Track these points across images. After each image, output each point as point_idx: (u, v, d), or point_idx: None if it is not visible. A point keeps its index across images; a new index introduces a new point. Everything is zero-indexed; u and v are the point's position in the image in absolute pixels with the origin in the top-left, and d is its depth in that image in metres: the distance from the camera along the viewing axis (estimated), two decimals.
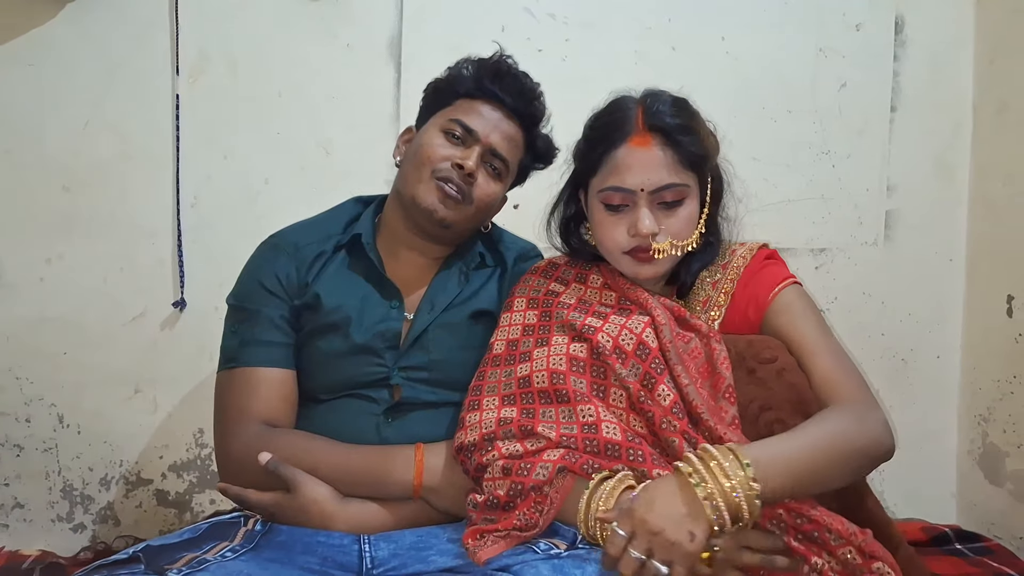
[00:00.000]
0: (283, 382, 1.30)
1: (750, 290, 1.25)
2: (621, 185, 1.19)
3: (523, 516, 1.08)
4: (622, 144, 1.20)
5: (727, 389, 1.14)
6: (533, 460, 1.09)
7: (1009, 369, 1.78)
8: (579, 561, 1.01)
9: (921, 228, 1.92)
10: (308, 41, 1.76)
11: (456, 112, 1.35)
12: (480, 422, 1.16)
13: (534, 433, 1.11)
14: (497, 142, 1.34)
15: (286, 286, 1.33)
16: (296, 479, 1.17)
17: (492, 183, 1.36)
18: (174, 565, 1.04)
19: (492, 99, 1.35)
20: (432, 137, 1.34)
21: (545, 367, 1.18)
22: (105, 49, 1.72)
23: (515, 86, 1.36)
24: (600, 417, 1.13)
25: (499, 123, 1.35)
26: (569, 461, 1.08)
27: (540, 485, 1.08)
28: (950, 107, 1.91)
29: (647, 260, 1.22)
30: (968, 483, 1.91)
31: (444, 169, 1.30)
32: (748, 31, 1.85)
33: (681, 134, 1.19)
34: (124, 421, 1.77)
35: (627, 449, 1.10)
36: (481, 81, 1.36)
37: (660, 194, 1.19)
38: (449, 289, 1.37)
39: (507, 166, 1.36)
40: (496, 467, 1.10)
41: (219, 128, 1.76)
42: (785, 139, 1.87)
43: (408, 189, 1.33)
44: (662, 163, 1.19)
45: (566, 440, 1.10)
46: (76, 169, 1.73)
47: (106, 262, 1.75)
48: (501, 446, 1.12)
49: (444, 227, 1.33)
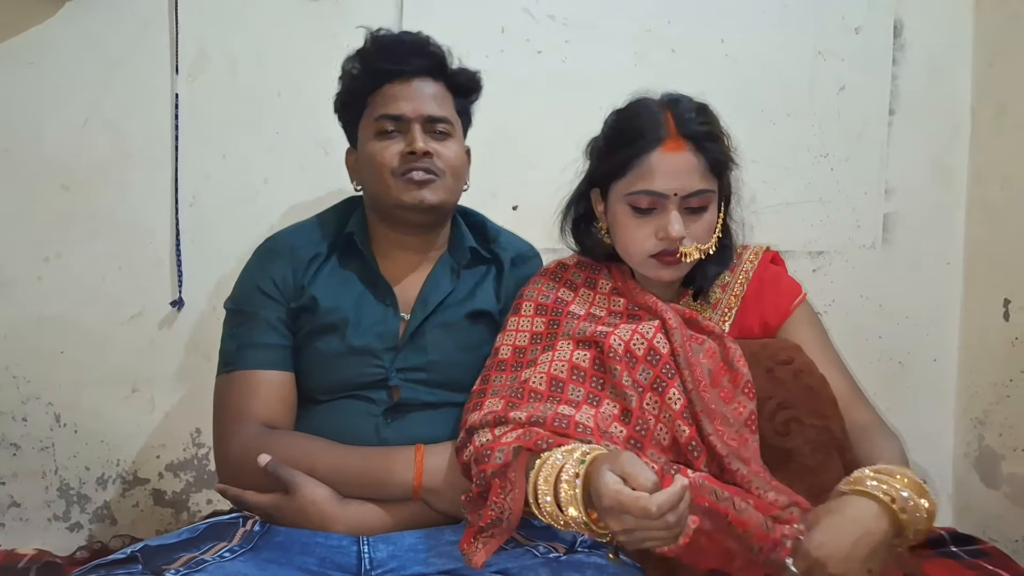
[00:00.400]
0: (282, 384, 1.30)
1: (767, 296, 1.28)
2: (654, 189, 1.20)
3: (495, 506, 1.04)
4: (655, 149, 1.20)
5: (746, 384, 1.16)
6: (493, 445, 1.08)
7: (1006, 372, 1.78)
8: (578, 565, 1.02)
9: (919, 231, 1.92)
10: (308, 41, 1.76)
11: (375, 110, 1.35)
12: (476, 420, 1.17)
13: (505, 420, 1.11)
14: (426, 108, 1.34)
15: (283, 289, 1.34)
16: (295, 480, 1.17)
17: (449, 144, 1.36)
18: (172, 565, 1.04)
19: (393, 76, 1.35)
20: (372, 146, 1.34)
21: (546, 371, 1.18)
22: (104, 48, 1.72)
23: (402, 50, 1.35)
24: (580, 412, 1.12)
25: (415, 91, 1.34)
26: (524, 440, 1.05)
27: (501, 469, 1.05)
28: (948, 110, 1.91)
29: (673, 263, 1.23)
30: (964, 486, 1.92)
31: (401, 165, 1.31)
32: (747, 33, 1.85)
33: (709, 141, 1.22)
34: (121, 420, 1.77)
35: (600, 433, 1.09)
36: (373, 69, 1.35)
37: (689, 199, 1.21)
38: (442, 287, 1.37)
39: (448, 121, 1.36)
40: (472, 458, 1.10)
41: (218, 127, 1.76)
42: (784, 142, 1.87)
43: (385, 199, 1.33)
44: (695, 169, 1.20)
45: (536, 419, 1.09)
46: (75, 168, 1.72)
47: (104, 261, 1.75)
48: (476, 439, 1.12)
49: (434, 210, 1.33)
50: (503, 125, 1.81)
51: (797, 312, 1.28)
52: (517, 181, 1.83)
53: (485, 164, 1.80)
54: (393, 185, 1.32)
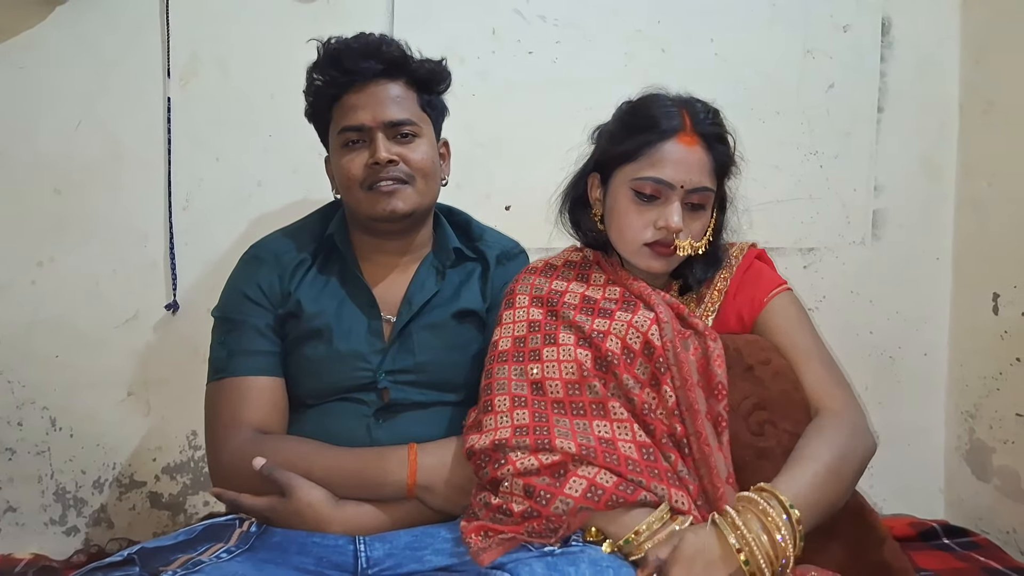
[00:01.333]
0: (272, 390, 1.31)
1: (745, 290, 1.28)
2: (663, 177, 1.21)
3: (533, 530, 1.08)
4: (670, 139, 1.22)
5: (717, 386, 1.16)
6: (553, 491, 1.08)
7: (995, 366, 1.80)
8: (573, 558, 1.02)
9: (908, 227, 1.94)
10: (300, 43, 1.75)
11: (339, 121, 1.34)
12: (495, 427, 1.15)
13: (551, 447, 1.11)
14: (386, 114, 1.32)
15: (269, 296, 1.34)
16: (291, 483, 1.17)
17: (416, 146, 1.34)
18: (169, 567, 1.04)
19: (348, 85, 1.33)
20: (339, 158, 1.34)
21: (559, 375, 1.19)
22: (96, 51, 1.72)
23: (351, 57, 1.32)
24: (615, 435, 1.14)
25: (372, 97, 1.32)
26: (592, 500, 1.07)
27: (556, 516, 1.08)
28: (936, 107, 1.93)
29: (666, 255, 1.24)
30: (955, 479, 1.93)
31: (368, 177, 1.31)
32: (736, 33, 1.86)
33: (718, 142, 1.25)
34: (117, 424, 1.77)
35: (646, 467, 1.11)
36: (332, 79, 1.34)
37: (693, 195, 1.22)
38: (427, 288, 1.37)
39: (412, 122, 1.34)
40: (516, 485, 1.09)
41: (211, 130, 1.76)
42: (773, 140, 1.89)
43: (359, 211, 1.34)
44: (704, 166, 1.23)
45: (585, 451, 1.10)
46: (68, 171, 1.73)
47: (98, 265, 1.75)
48: (515, 459, 1.10)
49: (408, 217, 1.33)
50: (495, 126, 1.82)
51: (772, 304, 1.28)
52: (509, 181, 1.84)
53: (478, 165, 1.81)
54: (363, 198, 1.32)
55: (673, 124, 1.22)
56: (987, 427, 1.83)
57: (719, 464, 1.13)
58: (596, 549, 1.07)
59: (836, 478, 1.11)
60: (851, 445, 1.15)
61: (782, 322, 1.26)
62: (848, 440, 1.15)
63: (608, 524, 1.09)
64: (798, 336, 1.25)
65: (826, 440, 1.15)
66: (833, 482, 1.11)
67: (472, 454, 1.16)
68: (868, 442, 1.19)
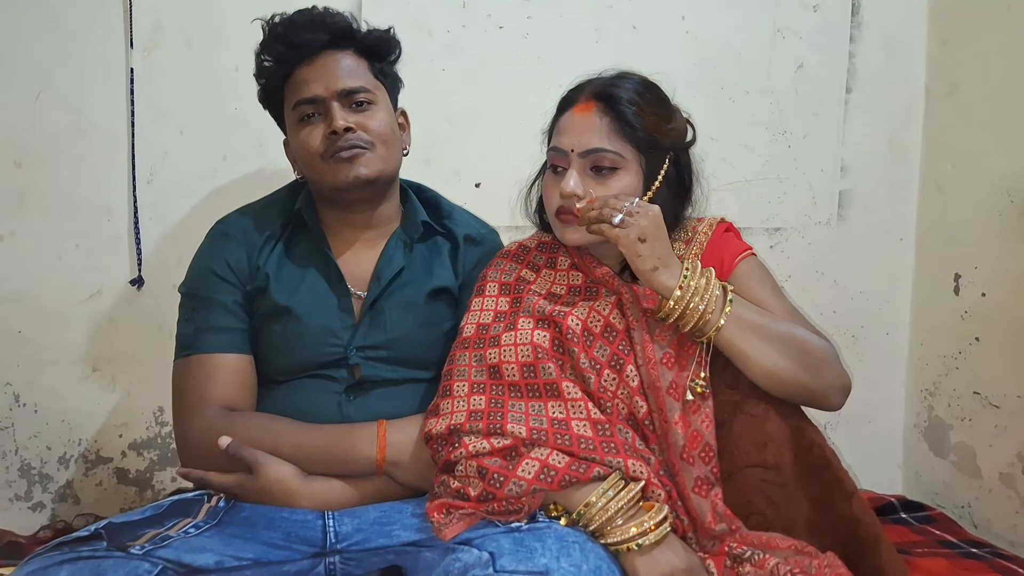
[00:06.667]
0: (240, 367, 1.30)
1: (713, 261, 1.29)
2: (558, 146, 1.25)
3: (493, 510, 1.10)
4: (567, 110, 1.26)
5: (695, 358, 1.18)
6: (507, 473, 1.09)
7: (955, 345, 1.83)
8: (539, 534, 1.04)
9: (873, 208, 1.96)
10: (265, 14, 1.73)
11: (291, 97, 1.34)
12: (451, 411, 1.17)
13: (502, 432, 1.12)
14: (339, 83, 1.31)
15: (237, 272, 1.33)
16: (258, 460, 1.17)
17: (373, 113, 1.33)
18: (136, 542, 1.04)
19: (298, 60, 1.32)
20: (297, 133, 1.33)
21: (515, 358, 1.19)
22: (56, 21, 1.68)
23: (296, 31, 1.32)
24: (569, 414, 1.15)
25: (323, 69, 1.32)
26: (544, 481, 1.08)
27: (512, 498, 1.09)
28: (903, 89, 1.94)
29: (569, 222, 1.24)
30: (914, 455, 1.98)
31: (328, 148, 1.30)
32: (707, 11, 1.86)
33: (624, 105, 1.22)
34: (82, 399, 1.75)
35: (600, 443, 1.12)
36: (280, 56, 1.33)
37: (591, 158, 1.22)
38: (395, 262, 1.37)
39: (366, 89, 1.34)
40: (470, 467, 1.11)
41: (175, 103, 1.73)
42: (742, 119, 1.90)
43: (323, 183, 1.33)
44: (596, 128, 1.22)
45: (536, 434, 1.12)
46: (28, 144, 1.69)
47: (61, 239, 1.72)
48: (468, 443, 1.12)
49: (372, 183, 1.33)
50: (465, 101, 1.81)
51: (739, 267, 1.28)
52: (479, 158, 1.83)
53: (447, 141, 1.80)
54: (325, 169, 1.31)
55: (573, 97, 1.27)
56: (945, 405, 1.87)
57: (676, 439, 1.15)
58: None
59: (784, 345, 1.15)
60: (815, 340, 1.18)
61: (748, 282, 1.25)
62: (813, 338, 1.19)
63: (565, 500, 1.11)
64: (765, 295, 1.25)
65: (795, 326, 1.20)
66: (778, 344, 1.15)
67: (429, 438, 1.18)
68: (832, 354, 1.20)
